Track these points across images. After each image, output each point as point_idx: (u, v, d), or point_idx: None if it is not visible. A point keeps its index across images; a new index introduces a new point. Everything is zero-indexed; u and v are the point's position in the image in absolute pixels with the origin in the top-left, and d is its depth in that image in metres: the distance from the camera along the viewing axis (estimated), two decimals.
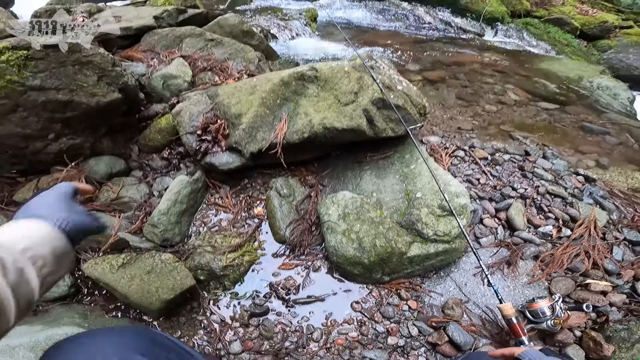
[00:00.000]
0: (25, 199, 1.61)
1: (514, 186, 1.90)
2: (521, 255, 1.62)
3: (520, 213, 1.76)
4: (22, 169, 1.69)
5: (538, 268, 1.60)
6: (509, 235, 1.71)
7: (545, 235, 1.72)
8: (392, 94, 1.62)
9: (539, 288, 1.53)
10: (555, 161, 2.15)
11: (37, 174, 1.67)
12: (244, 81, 1.86)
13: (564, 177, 2.03)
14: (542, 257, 1.62)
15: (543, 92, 3.12)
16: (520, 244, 1.67)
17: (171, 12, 3.03)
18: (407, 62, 3.45)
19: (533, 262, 1.62)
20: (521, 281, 1.56)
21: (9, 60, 1.49)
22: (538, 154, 2.18)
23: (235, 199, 1.76)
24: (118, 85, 1.77)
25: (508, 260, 1.61)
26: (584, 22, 5.27)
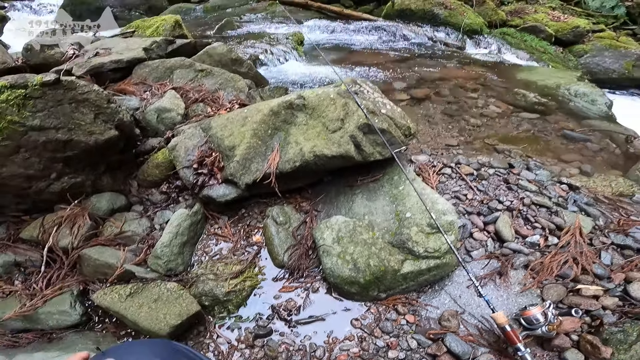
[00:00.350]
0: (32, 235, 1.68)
1: (500, 199, 2.01)
2: (511, 265, 1.71)
3: (508, 225, 1.86)
4: (27, 207, 1.77)
5: (529, 277, 1.68)
6: (498, 247, 1.80)
7: (533, 244, 1.81)
8: (376, 118, 1.73)
9: (532, 296, 1.61)
10: (538, 172, 2.27)
11: (42, 212, 1.75)
12: (235, 112, 1.97)
13: (548, 187, 2.14)
14: (532, 266, 1.70)
15: (523, 103, 3.28)
16: (510, 255, 1.76)
17: (160, 43, 3.13)
18: (393, 80, 3.62)
19: (524, 271, 1.70)
20: (514, 290, 1.64)
21: (9, 99, 1.58)
22: (522, 166, 2.30)
23: (234, 228, 1.84)
24: (114, 122, 1.86)
25: (499, 271, 1.69)
26: (557, 28, 5.53)
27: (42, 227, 1.68)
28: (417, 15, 5.65)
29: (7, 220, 1.74)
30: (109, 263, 1.61)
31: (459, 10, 5.61)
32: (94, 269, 1.63)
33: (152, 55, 2.99)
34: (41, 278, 1.60)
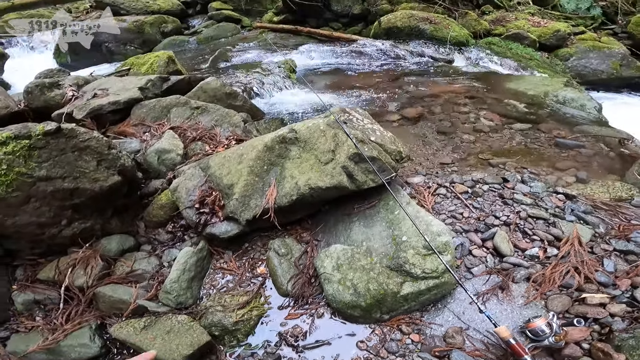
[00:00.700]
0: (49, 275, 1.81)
1: (496, 215, 2.07)
2: (512, 279, 1.76)
3: (505, 240, 1.92)
4: (42, 251, 1.88)
5: (532, 289, 1.72)
6: (498, 262, 1.86)
7: (533, 257, 1.86)
8: (366, 147, 1.83)
9: (537, 308, 1.65)
10: (533, 184, 2.34)
11: (56, 255, 1.88)
12: (231, 150, 2.08)
13: (544, 199, 2.20)
14: (534, 278, 1.74)
15: (515, 114, 3.38)
16: (510, 269, 1.81)
17: (155, 82, 3.25)
18: (385, 101, 3.75)
19: (526, 284, 1.74)
20: (517, 303, 1.68)
21: (14, 150, 1.67)
22: (516, 180, 2.37)
23: (238, 262, 1.93)
24: (116, 168, 1.96)
25: (501, 286, 1.74)
26: (539, 33, 5.70)
27: (58, 269, 1.81)
28: (404, 32, 5.85)
29: (24, 263, 1.88)
30: (123, 299, 1.73)
31: (443, 23, 5.81)
32: (109, 304, 1.75)
33: (149, 94, 3.12)
34: (61, 314, 1.72)
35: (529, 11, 6.61)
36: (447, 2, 6.50)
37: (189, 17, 8.86)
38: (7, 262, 1.87)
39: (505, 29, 5.96)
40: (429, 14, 6.10)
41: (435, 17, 5.99)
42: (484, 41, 5.83)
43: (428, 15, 6.01)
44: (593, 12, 6.52)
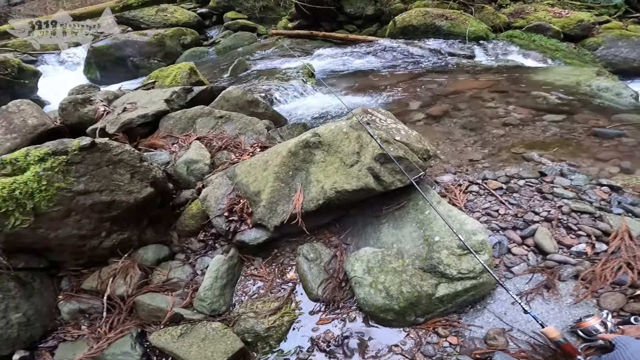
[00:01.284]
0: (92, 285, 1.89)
1: (535, 210, 1.97)
2: (558, 277, 1.67)
3: (548, 236, 1.82)
4: (84, 262, 1.98)
5: (581, 287, 1.63)
6: (541, 260, 1.77)
7: (580, 253, 1.76)
8: (391, 147, 1.80)
9: (587, 306, 1.56)
10: (573, 176, 2.21)
11: (97, 266, 1.96)
12: (257, 157, 2.11)
13: (587, 192, 2.08)
14: (583, 276, 1.65)
15: (545, 105, 3.23)
16: (555, 267, 1.71)
17: (179, 93, 3.36)
18: (407, 101, 3.69)
19: (574, 282, 1.65)
20: (566, 302, 1.59)
21: (53, 166, 1.75)
22: (554, 173, 2.26)
23: (268, 268, 1.94)
24: (149, 180, 2.03)
25: (546, 284, 1.65)
26: (562, 24, 5.53)
27: (100, 279, 1.89)
28: (420, 30, 5.78)
29: (68, 274, 1.97)
30: (160, 307, 1.79)
31: (460, 19, 5.70)
32: (148, 313, 1.80)
33: (174, 106, 3.23)
34: (104, 323, 1.79)
35: (548, 2, 6.43)
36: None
37: (206, 28, 9.14)
38: (53, 274, 1.97)
39: (525, 21, 5.81)
40: (444, 10, 6.01)
41: (450, 13, 5.90)
42: (505, 34, 5.68)
43: (443, 12, 5.91)
44: (615, 0, 6.26)
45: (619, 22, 5.74)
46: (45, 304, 1.88)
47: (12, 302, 1.76)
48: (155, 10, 8.34)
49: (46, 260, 1.95)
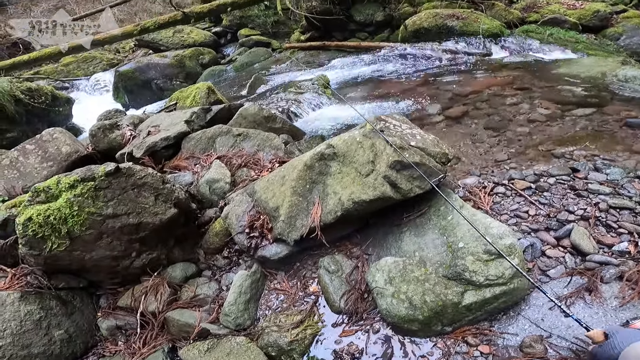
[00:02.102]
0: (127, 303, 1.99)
1: (569, 209, 1.88)
2: (601, 279, 1.57)
3: (585, 235, 1.72)
4: (119, 281, 2.09)
5: (627, 288, 1.52)
6: (580, 262, 1.67)
7: (623, 253, 1.65)
8: (406, 153, 1.77)
9: (636, 309, 1.46)
10: (609, 170, 2.09)
11: (131, 284, 2.06)
12: (274, 173, 2.15)
13: (625, 186, 1.96)
14: (628, 277, 1.54)
15: (572, 99, 3.09)
16: (597, 268, 1.62)
17: (199, 114, 3.48)
18: (425, 104, 3.64)
19: (618, 283, 1.55)
20: (611, 305, 1.50)
21: (83, 192, 1.86)
22: (588, 168, 2.14)
23: (291, 281, 1.95)
24: (172, 201, 2.11)
25: (587, 287, 1.56)
26: (578, 16, 5.36)
27: (133, 296, 1.98)
28: (433, 32, 5.71)
29: (106, 293, 2.09)
30: (189, 323, 1.84)
31: (471, 18, 5.61)
32: (178, 328, 1.86)
33: (194, 127, 3.34)
34: (138, 338, 1.87)
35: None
36: None
37: (222, 46, 9.48)
38: (92, 292, 2.10)
39: (539, 15, 5.65)
40: (454, 10, 5.94)
41: (461, 12, 5.82)
42: (520, 30, 5.54)
43: (453, 12, 5.84)
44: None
45: (636, 10, 5.53)
46: (85, 321, 2.00)
47: (55, 319, 1.89)
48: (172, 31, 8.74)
49: (85, 279, 2.08)
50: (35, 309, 1.85)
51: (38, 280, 1.91)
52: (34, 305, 1.85)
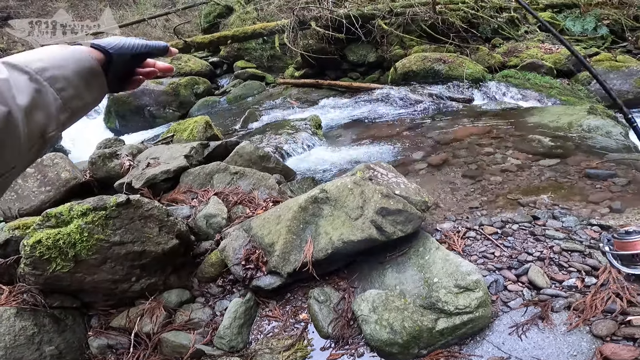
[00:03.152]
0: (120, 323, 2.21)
1: (528, 251, 2.27)
2: (551, 308, 1.93)
3: (540, 273, 2.11)
4: (113, 303, 2.31)
5: (574, 316, 1.87)
6: (535, 295, 2.03)
7: (571, 287, 2.02)
8: (391, 201, 2.16)
9: (581, 333, 1.80)
10: (565, 218, 2.52)
11: (125, 306, 2.28)
12: (270, 212, 2.49)
13: (577, 232, 2.37)
14: (575, 306, 1.89)
15: (540, 149, 3.59)
16: (548, 299, 1.97)
17: (197, 149, 3.84)
18: (409, 151, 4.10)
19: (567, 312, 1.90)
20: (560, 330, 1.84)
21: (94, 220, 2.14)
22: (547, 216, 2.57)
23: (282, 310, 2.26)
24: (174, 233, 2.41)
25: (540, 315, 1.91)
26: (554, 60, 5.91)
27: (128, 317, 2.21)
28: (420, 75, 6.32)
29: (98, 313, 2.30)
30: (183, 344, 2.06)
31: (457, 62, 6.20)
32: (171, 349, 2.08)
33: (193, 162, 3.68)
34: (130, 357, 2.06)
35: (538, 39, 6.92)
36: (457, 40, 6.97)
37: (217, 76, 9.90)
38: (84, 312, 2.31)
39: (519, 59, 6.24)
40: (442, 54, 6.56)
41: (448, 56, 6.43)
42: (500, 75, 6.13)
43: (441, 56, 6.47)
44: (600, 31, 6.72)
45: (608, 53, 6.09)
46: (76, 339, 2.21)
47: (47, 336, 2.10)
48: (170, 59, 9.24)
49: (79, 300, 2.31)
50: (29, 325, 2.06)
51: (34, 299, 2.14)
52: (29, 321, 2.07)
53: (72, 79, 0.61)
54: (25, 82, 0.54)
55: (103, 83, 0.69)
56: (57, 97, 0.58)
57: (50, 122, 0.57)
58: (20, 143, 0.52)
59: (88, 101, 0.66)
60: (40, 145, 0.57)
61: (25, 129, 0.52)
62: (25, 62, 0.56)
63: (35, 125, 0.54)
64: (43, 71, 0.57)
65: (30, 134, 0.53)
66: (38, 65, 0.57)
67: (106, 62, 0.70)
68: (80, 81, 0.62)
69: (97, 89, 0.67)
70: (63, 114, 0.59)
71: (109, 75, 0.70)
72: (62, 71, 0.60)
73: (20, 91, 0.52)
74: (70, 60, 0.62)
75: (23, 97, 0.52)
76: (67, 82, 0.60)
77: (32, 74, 0.56)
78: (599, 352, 1.70)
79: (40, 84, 0.56)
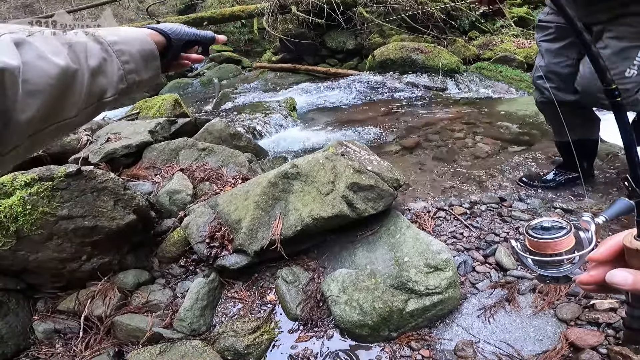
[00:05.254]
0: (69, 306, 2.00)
1: (495, 232, 2.24)
2: (518, 290, 1.90)
3: (507, 255, 2.07)
4: (61, 285, 2.08)
5: (539, 299, 1.85)
6: (502, 276, 2.00)
7: None
8: (363, 176, 2.05)
9: (546, 317, 1.77)
10: (529, 201, 2.52)
11: (75, 289, 2.06)
12: (238, 188, 2.31)
13: (541, 214, 2.38)
14: (539, 289, 1.88)
15: (508, 136, 3.61)
16: (514, 282, 1.94)
17: (163, 125, 3.58)
18: (383, 133, 4.02)
19: (532, 294, 1.87)
20: (526, 313, 1.80)
21: (39, 192, 1.90)
22: (513, 198, 2.55)
23: (248, 291, 2.10)
24: (132, 208, 2.19)
25: (507, 298, 1.87)
26: (525, 54, 6.09)
27: (78, 300, 1.99)
28: (398, 64, 6.27)
29: (45, 296, 2.07)
30: (140, 327, 1.89)
31: (434, 52, 6.23)
32: (126, 333, 1.90)
33: (158, 137, 3.42)
34: (80, 342, 1.88)
35: (512, 33, 7.08)
36: (436, 31, 6.97)
37: None
38: (29, 295, 2.08)
39: (493, 52, 6.39)
40: (420, 44, 6.56)
41: (425, 46, 6.44)
42: (474, 66, 6.22)
43: (419, 46, 6.45)
44: None
45: None
46: (19, 324, 1.98)
47: None
48: None
49: (24, 282, 2.07)
50: None
51: None
52: None
53: (135, 56, 0.70)
54: (97, 50, 0.62)
55: (158, 65, 0.77)
56: (120, 68, 0.66)
57: (109, 87, 0.64)
58: (80, 99, 0.58)
59: (144, 78, 0.73)
60: (95, 107, 0.63)
61: (87, 88, 0.59)
62: (102, 35, 0.65)
63: (96, 87, 0.62)
64: (114, 44, 0.66)
65: (91, 93, 0.60)
66: (111, 38, 0.65)
67: (165, 46, 0.80)
68: (140, 60, 0.71)
69: (152, 70, 0.75)
70: (121, 84, 0.67)
71: (166, 57, 0.80)
72: (129, 47, 0.68)
73: (92, 55, 0.60)
74: (136, 40, 0.71)
75: (93, 61, 0.60)
76: (130, 57, 0.68)
77: (104, 44, 0.64)
78: (564, 337, 1.67)
79: (109, 54, 0.64)
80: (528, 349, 1.67)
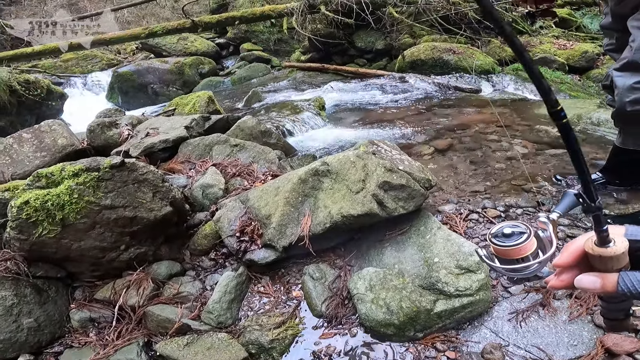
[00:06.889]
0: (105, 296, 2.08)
1: None
2: (553, 295, 1.82)
3: None
4: (100, 274, 2.16)
5: (575, 304, 1.77)
6: (537, 281, 1.90)
7: None
8: (394, 175, 2.02)
9: (582, 322, 1.70)
10: None
11: (111, 278, 2.14)
12: (268, 184, 2.35)
13: (582, 219, 2.25)
14: (577, 295, 1.80)
15: (547, 139, 3.44)
16: None
17: (198, 121, 3.69)
18: (415, 134, 3.94)
19: (568, 300, 1.80)
20: (561, 319, 1.73)
21: (85, 182, 1.99)
22: (552, 202, 2.43)
23: (275, 286, 2.13)
24: (169, 200, 2.27)
25: (541, 303, 1.80)
26: (567, 56, 5.79)
27: (114, 289, 2.07)
28: (429, 65, 6.14)
29: (83, 285, 2.16)
30: (169, 318, 1.94)
31: (467, 53, 6.04)
32: (156, 323, 1.96)
33: (193, 133, 3.54)
34: (113, 331, 1.95)
35: (553, 34, 6.74)
36: (469, 32, 6.76)
37: (223, 58, 9.79)
38: (68, 283, 2.17)
39: (531, 54, 6.09)
40: (452, 45, 6.38)
41: (458, 47, 6.26)
42: (511, 68, 5.98)
43: (451, 46, 6.28)
44: None
45: None
46: (57, 312, 2.06)
47: (26, 307, 1.95)
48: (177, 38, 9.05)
49: (65, 270, 2.16)
50: (9, 295, 1.90)
51: (17, 267, 1.98)
52: (9, 291, 1.91)
53: None
54: None
55: None
56: None
57: None
58: None
59: None
60: None
61: None
62: None
63: None
64: None
65: None
66: None
67: None
68: None
69: None
70: None
71: None
72: None
73: None
74: None
75: None
76: None
77: None
78: (600, 343, 1.61)
79: None
80: (560, 354, 1.61)
